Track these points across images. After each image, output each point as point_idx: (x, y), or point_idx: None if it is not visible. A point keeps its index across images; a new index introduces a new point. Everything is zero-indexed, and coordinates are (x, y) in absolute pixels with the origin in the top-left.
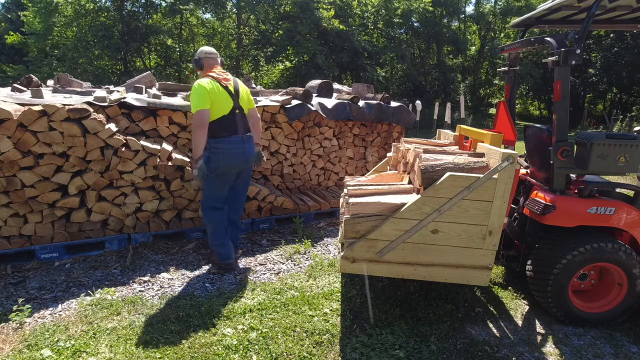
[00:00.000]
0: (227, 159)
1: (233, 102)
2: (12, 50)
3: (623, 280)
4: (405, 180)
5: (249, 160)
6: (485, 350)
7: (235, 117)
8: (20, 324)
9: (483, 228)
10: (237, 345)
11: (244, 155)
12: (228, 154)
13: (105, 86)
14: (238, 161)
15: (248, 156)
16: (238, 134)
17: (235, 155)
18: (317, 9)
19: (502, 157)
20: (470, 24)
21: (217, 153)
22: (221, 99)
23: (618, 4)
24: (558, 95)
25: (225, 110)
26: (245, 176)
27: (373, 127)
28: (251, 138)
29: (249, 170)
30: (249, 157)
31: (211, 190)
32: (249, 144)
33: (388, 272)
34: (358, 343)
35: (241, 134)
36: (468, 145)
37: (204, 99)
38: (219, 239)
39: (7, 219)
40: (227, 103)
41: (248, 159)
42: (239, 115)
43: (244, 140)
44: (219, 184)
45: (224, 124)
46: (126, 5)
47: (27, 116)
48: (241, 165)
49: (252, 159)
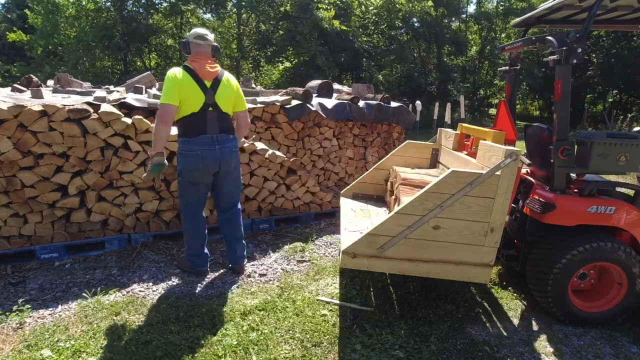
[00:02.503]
0: (194, 162)
1: (205, 97)
2: (13, 51)
3: (623, 279)
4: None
5: (223, 163)
6: (485, 350)
7: (207, 115)
8: (20, 324)
9: (485, 225)
10: (237, 345)
11: (213, 157)
12: (194, 156)
13: (105, 86)
14: (207, 164)
15: (220, 158)
16: (208, 134)
17: (202, 158)
18: (318, 9)
19: (505, 153)
20: (471, 24)
21: (182, 154)
22: (192, 94)
23: (619, 4)
24: (559, 94)
25: (195, 106)
26: (228, 178)
27: (373, 127)
28: (227, 139)
29: (232, 171)
30: (222, 159)
31: (185, 195)
32: (223, 144)
33: (389, 268)
34: (358, 343)
35: (212, 134)
36: (469, 144)
37: (172, 92)
38: (195, 249)
39: (7, 219)
40: (199, 99)
41: (221, 161)
42: (213, 113)
43: (216, 141)
44: (191, 188)
45: (193, 122)
46: (127, 5)
47: (27, 116)
48: (212, 168)
49: (228, 161)
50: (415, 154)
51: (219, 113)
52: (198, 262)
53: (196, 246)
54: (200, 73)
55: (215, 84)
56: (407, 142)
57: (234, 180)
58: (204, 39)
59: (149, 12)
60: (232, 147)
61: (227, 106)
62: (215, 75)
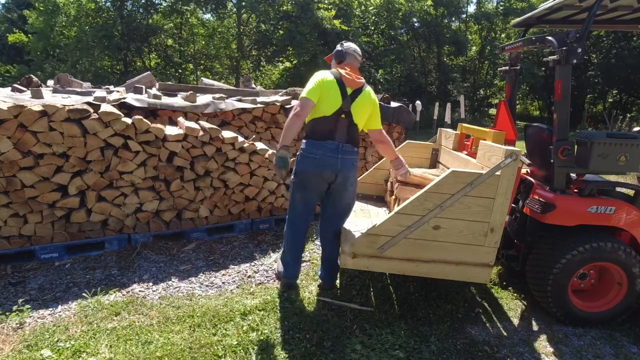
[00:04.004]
0: (311, 165)
1: (342, 103)
2: (13, 51)
3: (623, 279)
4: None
5: (341, 174)
6: (485, 350)
7: (338, 121)
8: (20, 324)
9: (485, 225)
10: (237, 345)
11: (333, 166)
12: (313, 159)
13: (105, 86)
14: (324, 170)
15: (340, 169)
16: (334, 140)
17: (320, 163)
18: (318, 9)
19: (505, 153)
20: (471, 24)
21: (302, 155)
22: (331, 96)
23: (619, 4)
24: (559, 94)
25: (329, 110)
26: (343, 192)
27: None
28: (352, 151)
29: (346, 189)
30: (341, 170)
31: (293, 198)
32: (346, 155)
33: (389, 268)
34: (358, 343)
35: (339, 142)
36: (469, 144)
37: (314, 89)
38: (286, 257)
39: (7, 219)
40: (335, 103)
41: (340, 172)
42: (344, 120)
43: (340, 150)
44: (300, 192)
45: (323, 125)
46: (126, 5)
47: (27, 116)
48: (328, 176)
49: (347, 174)
50: (415, 154)
51: (350, 122)
52: (286, 271)
53: (288, 252)
54: (346, 80)
55: (356, 93)
56: (407, 142)
57: (349, 196)
58: (359, 54)
59: (149, 12)
60: (354, 161)
61: (360, 118)
62: (359, 85)
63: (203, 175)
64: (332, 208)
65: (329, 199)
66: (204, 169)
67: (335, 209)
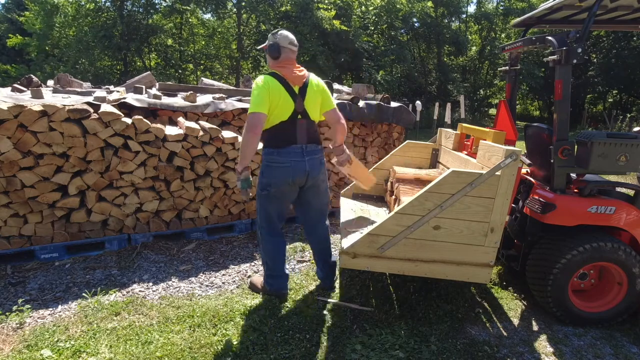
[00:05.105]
0: (283, 174)
1: (294, 105)
2: (13, 51)
3: (623, 279)
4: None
5: (311, 175)
6: (485, 350)
7: (296, 124)
8: (20, 324)
9: (485, 225)
10: (237, 345)
11: (302, 170)
12: (284, 169)
13: (105, 86)
14: (295, 177)
15: (309, 171)
16: (297, 144)
17: (291, 170)
18: (318, 9)
19: (505, 153)
20: (471, 24)
21: (270, 167)
22: (281, 101)
23: (619, 4)
24: (559, 94)
25: (284, 115)
26: (315, 191)
27: (373, 127)
28: (316, 150)
29: (319, 189)
30: (310, 171)
31: (264, 209)
32: (312, 156)
33: (389, 268)
34: (358, 343)
35: (301, 144)
36: (469, 144)
37: (262, 100)
38: (276, 271)
39: (7, 219)
40: (288, 106)
41: (309, 174)
42: (302, 122)
43: (305, 152)
44: (274, 203)
45: (281, 131)
46: (126, 5)
47: (28, 116)
48: (300, 181)
49: (316, 174)
50: (415, 154)
51: (308, 122)
52: (278, 284)
53: (277, 268)
54: (289, 78)
55: (304, 89)
56: (407, 142)
57: (322, 194)
58: (295, 44)
59: (149, 12)
60: (320, 159)
61: (315, 112)
62: (303, 78)
63: (203, 175)
64: (310, 209)
65: (303, 202)
66: (204, 169)
67: (314, 210)
